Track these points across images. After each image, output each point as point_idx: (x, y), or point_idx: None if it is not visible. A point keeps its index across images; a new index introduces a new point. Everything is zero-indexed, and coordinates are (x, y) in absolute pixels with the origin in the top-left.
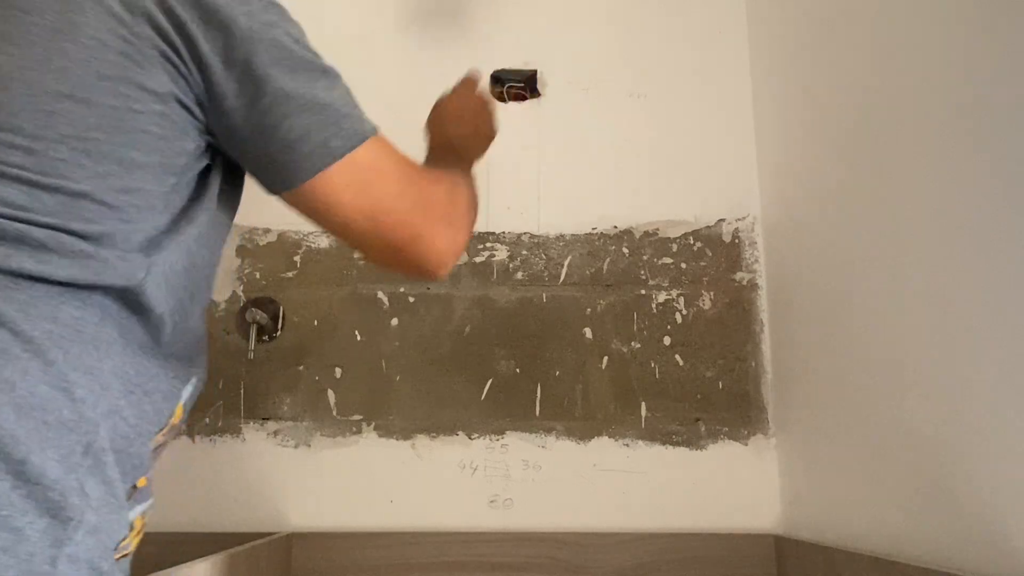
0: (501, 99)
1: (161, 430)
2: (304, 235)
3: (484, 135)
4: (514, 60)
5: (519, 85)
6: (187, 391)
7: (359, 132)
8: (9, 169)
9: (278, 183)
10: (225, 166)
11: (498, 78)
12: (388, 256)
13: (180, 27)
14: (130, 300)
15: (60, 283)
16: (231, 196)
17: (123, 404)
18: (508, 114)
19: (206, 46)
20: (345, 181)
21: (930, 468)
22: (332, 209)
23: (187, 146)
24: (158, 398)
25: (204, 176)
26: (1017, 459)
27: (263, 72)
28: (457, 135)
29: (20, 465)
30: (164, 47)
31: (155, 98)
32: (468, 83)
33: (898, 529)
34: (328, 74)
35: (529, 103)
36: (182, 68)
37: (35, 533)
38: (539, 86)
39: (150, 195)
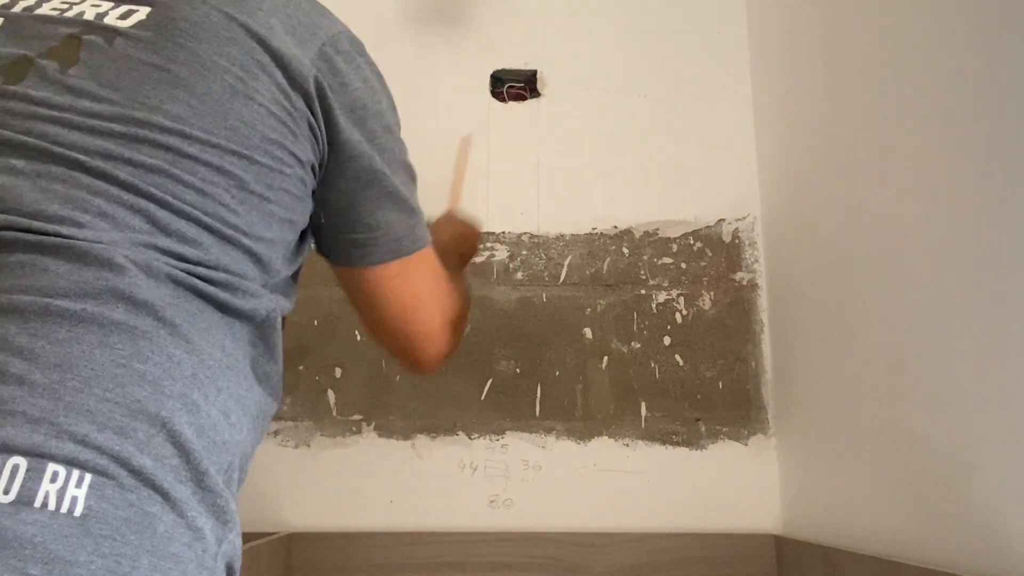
0: (501, 99)
1: None
2: None
3: (464, 258)
4: (514, 60)
5: (519, 85)
6: None
7: (423, 239)
8: (184, 207)
9: (342, 258)
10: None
11: (498, 78)
12: (398, 343)
13: (328, 111)
14: (263, 333)
15: (232, 316)
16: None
17: (250, 428)
18: (508, 114)
19: (344, 134)
20: (396, 272)
21: (930, 468)
22: (376, 292)
23: (307, 207)
24: (266, 424)
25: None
26: (1017, 459)
27: (380, 169)
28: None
29: (201, 475)
30: (313, 123)
31: (299, 164)
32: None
33: (898, 529)
34: (415, 179)
35: (529, 103)
36: (320, 143)
37: (209, 532)
38: (539, 86)
39: (282, 246)
